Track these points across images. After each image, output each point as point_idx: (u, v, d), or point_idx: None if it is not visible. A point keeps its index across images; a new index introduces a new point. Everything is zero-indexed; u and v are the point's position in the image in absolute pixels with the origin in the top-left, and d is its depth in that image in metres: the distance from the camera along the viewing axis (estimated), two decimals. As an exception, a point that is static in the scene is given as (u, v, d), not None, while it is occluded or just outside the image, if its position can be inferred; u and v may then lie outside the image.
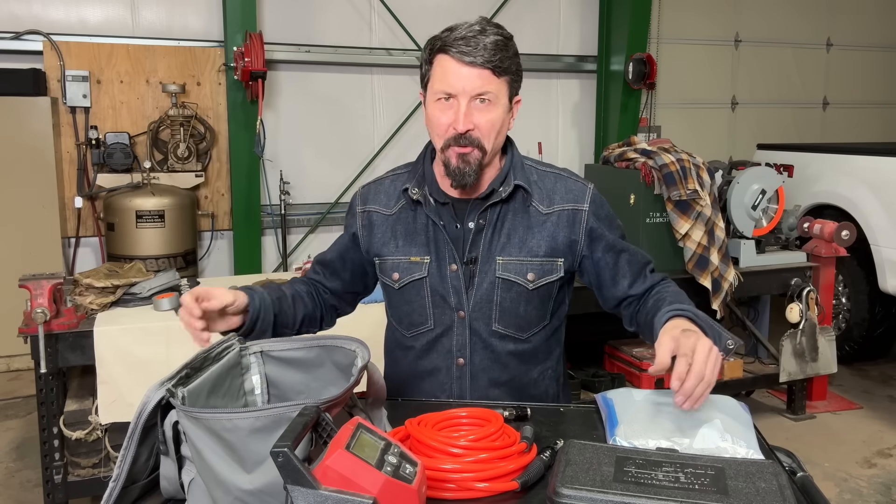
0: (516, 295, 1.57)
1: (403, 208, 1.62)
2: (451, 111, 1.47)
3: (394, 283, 1.62)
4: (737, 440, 1.23)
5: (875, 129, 6.96)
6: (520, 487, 1.14)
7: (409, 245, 1.60)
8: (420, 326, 1.62)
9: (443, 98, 1.48)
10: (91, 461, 2.69)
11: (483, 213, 1.56)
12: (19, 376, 4.29)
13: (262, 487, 1.01)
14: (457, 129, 1.46)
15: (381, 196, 1.66)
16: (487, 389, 1.61)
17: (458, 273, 1.56)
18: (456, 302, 1.57)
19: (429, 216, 1.58)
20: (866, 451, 3.46)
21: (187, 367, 1.13)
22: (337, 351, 1.25)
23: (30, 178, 4.29)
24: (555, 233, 1.57)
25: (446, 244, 1.56)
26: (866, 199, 4.26)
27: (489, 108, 1.47)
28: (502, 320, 1.58)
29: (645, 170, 3.38)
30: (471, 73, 1.44)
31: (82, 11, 4.63)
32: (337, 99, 5.20)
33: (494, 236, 1.56)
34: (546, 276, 1.57)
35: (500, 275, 1.55)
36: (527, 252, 1.56)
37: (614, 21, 5.70)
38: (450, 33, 1.47)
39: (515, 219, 1.57)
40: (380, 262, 1.65)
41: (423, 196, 1.58)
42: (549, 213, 1.57)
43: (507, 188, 1.55)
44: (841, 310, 4.53)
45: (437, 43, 1.48)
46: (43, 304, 2.48)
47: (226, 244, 5.00)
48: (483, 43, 1.44)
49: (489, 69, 1.45)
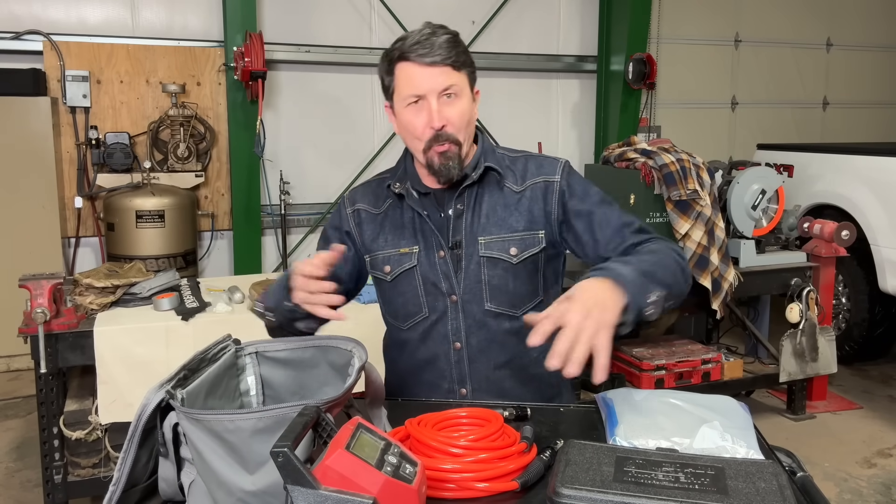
0: (503, 271, 1.61)
1: (390, 206, 1.68)
2: (423, 112, 1.53)
3: (386, 275, 1.66)
4: (737, 440, 1.23)
5: (875, 129, 6.96)
6: (520, 487, 1.13)
7: (398, 238, 1.65)
8: (415, 316, 1.65)
9: (413, 102, 1.54)
10: (91, 461, 2.69)
11: (459, 198, 1.62)
12: (19, 376, 4.29)
13: (265, 488, 1.01)
14: (433, 126, 1.52)
15: (369, 196, 1.72)
16: (489, 372, 1.62)
17: (446, 258, 1.62)
18: (447, 287, 1.62)
19: (413, 208, 1.64)
20: (866, 451, 3.46)
21: (185, 369, 1.13)
22: (332, 351, 1.25)
23: (30, 178, 4.29)
24: (531, 207, 1.62)
25: (432, 233, 1.62)
26: (866, 199, 4.26)
27: (457, 101, 1.54)
28: (494, 299, 1.61)
29: (645, 170, 3.38)
30: (433, 72, 1.51)
31: (82, 11, 4.63)
32: (337, 99, 5.21)
33: (474, 219, 1.62)
34: (528, 248, 1.62)
35: (484, 253, 1.61)
36: (507, 229, 1.62)
37: (614, 21, 5.70)
38: (403, 42, 1.54)
39: (492, 199, 1.63)
40: (371, 258, 1.69)
41: (405, 189, 1.64)
42: (522, 190, 1.64)
43: (477, 171, 1.62)
44: (841, 310, 4.53)
45: (395, 53, 1.55)
46: (43, 304, 2.48)
47: (226, 244, 5.00)
48: (437, 42, 1.51)
49: (448, 65, 1.52)
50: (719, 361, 3.56)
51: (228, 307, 2.77)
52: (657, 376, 3.37)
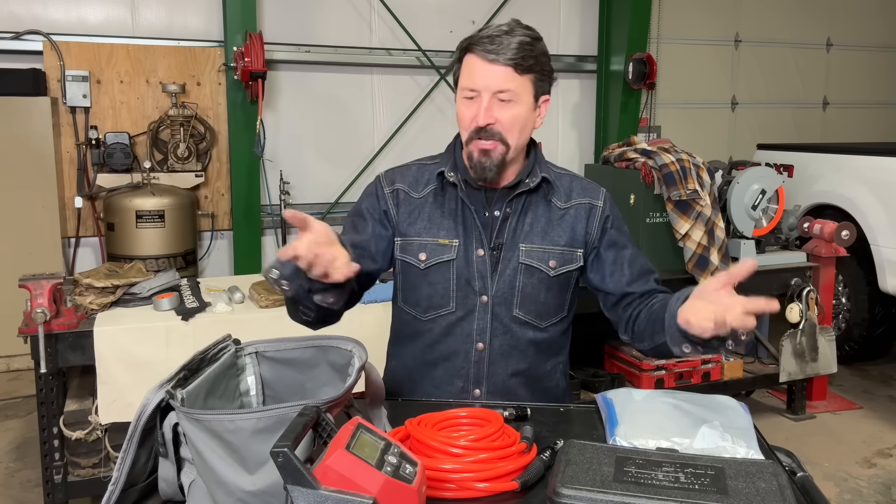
0: (538, 281, 1.62)
1: (433, 193, 1.65)
2: (474, 106, 1.53)
3: (420, 262, 1.63)
4: (737, 440, 1.24)
5: (875, 129, 6.96)
6: (520, 487, 1.14)
7: (438, 227, 1.63)
8: (440, 309, 1.63)
9: (468, 95, 1.54)
10: (91, 461, 2.69)
11: (510, 202, 1.62)
12: (19, 376, 4.29)
13: (265, 488, 1.01)
14: (478, 122, 1.52)
15: (409, 178, 1.68)
16: (505, 377, 1.62)
17: (485, 258, 1.61)
18: (480, 286, 1.61)
19: (463, 200, 1.62)
20: (866, 451, 3.46)
21: (185, 369, 1.13)
22: (332, 351, 1.25)
23: (30, 178, 4.28)
24: (574, 224, 1.64)
25: (475, 228, 1.61)
26: (866, 199, 4.26)
27: (511, 105, 1.53)
28: (523, 306, 1.62)
29: (645, 170, 3.38)
30: (494, 71, 1.51)
31: (82, 11, 4.63)
32: (337, 99, 5.20)
33: (519, 224, 1.62)
34: (567, 264, 1.64)
35: (524, 261, 1.61)
36: (549, 241, 1.63)
37: (614, 21, 5.70)
38: (478, 33, 1.54)
39: (538, 210, 1.64)
40: (404, 242, 1.65)
41: (459, 179, 1.62)
42: (567, 208, 1.65)
43: (534, 179, 1.62)
44: (841, 310, 4.53)
45: (465, 42, 1.55)
46: (43, 304, 2.48)
47: (226, 244, 5.00)
48: (507, 42, 1.50)
49: (511, 66, 1.51)
50: (719, 361, 3.56)
51: (228, 307, 2.77)
52: (657, 376, 3.37)
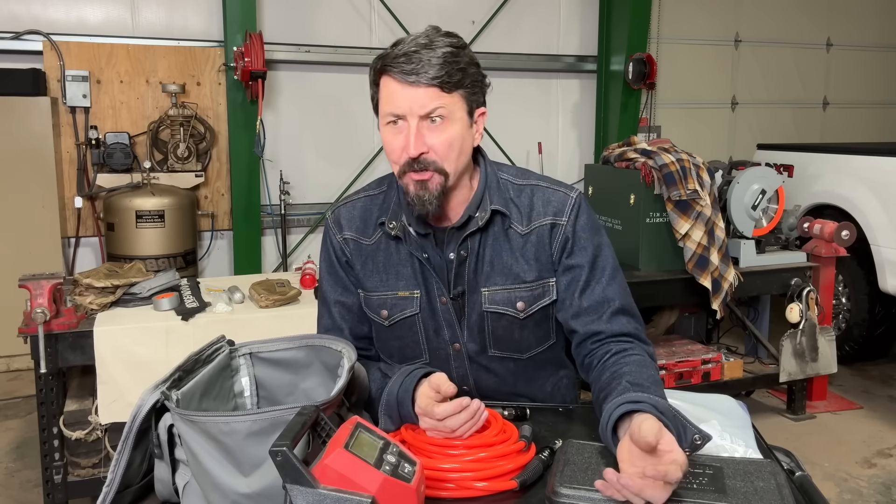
0: (508, 323, 1.47)
1: (383, 238, 1.49)
2: (401, 134, 1.34)
3: (383, 320, 1.50)
4: (735, 439, 1.24)
5: (875, 129, 6.96)
6: (518, 487, 1.14)
7: (396, 279, 1.47)
8: (414, 360, 1.51)
9: (392, 121, 1.35)
10: (91, 461, 2.69)
11: (463, 244, 1.44)
12: (19, 376, 4.29)
13: (260, 491, 1.01)
14: (409, 153, 1.33)
15: (357, 222, 1.51)
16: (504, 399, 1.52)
17: (448, 306, 1.46)
18: (450, 335, 1.48)
19: (412, 252, 1.45)
20: (866, 451, 3.46)
21: (179, 370, 1.13)
22: (324, 351, 1.25)
23: (30, 178, 4.29)
24: (537, 253, 1.45)
25: (433, 277, 1.45)
26: (866, 199, 4.26)
27: (443, 127, 1.34)
28: (498, 346, 1.49)
29: (645, 170, 3.38)
30: (416, 94, 1.31)
31: (82, 11, 4.63)
32: (337, 99, 5.20)
33: (479, 265, 1.44)
34: (537, 301, 1.46)
35: (488, 308, 1.45)
36: (513, 279, 1.45)
37: (614, 21, 5.70)
38: (392, 49, 1.34)
39: (496, 244, 1.45)
40: (365, 296, 1.51)
41: (401, 230, 1.45)
42: (528, 233, 1.45)
43: (483, 213, 1.42)
44: (841, 310, 4.53)
45: (379, 63, 1.36)
46: (43, 304, 2.48)
47: (226, 244, 5.00)
48: (428, 58, 1.30)
49: (436, 86, 1.31)
50: (719, 361, 3.56)
51: (228, 307, 2.77)
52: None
